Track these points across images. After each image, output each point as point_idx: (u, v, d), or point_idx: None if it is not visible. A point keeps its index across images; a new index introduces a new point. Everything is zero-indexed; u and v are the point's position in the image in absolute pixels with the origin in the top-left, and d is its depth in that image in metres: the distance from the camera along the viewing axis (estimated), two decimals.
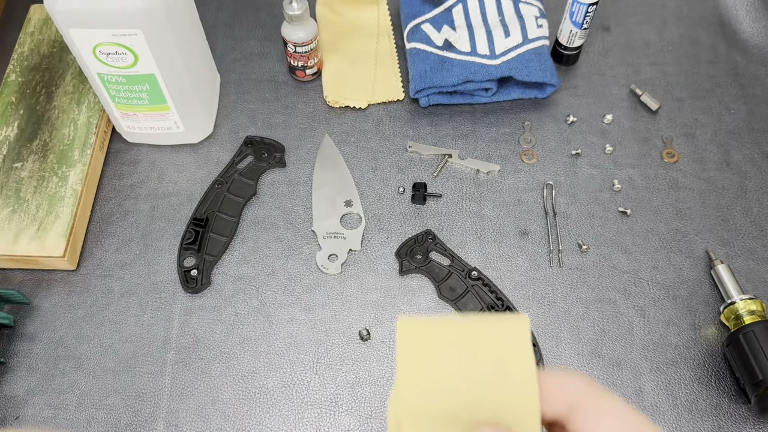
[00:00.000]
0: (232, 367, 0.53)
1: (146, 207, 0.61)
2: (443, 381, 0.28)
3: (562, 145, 0.64)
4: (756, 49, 0.70)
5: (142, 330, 0.55)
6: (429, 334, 0.29)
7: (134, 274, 0.57)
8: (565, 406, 0.28)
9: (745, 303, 0.52)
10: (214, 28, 0.72)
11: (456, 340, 0.29)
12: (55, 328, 0.55)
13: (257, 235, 0.59)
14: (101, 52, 0.53)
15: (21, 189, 0.58)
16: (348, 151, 0.64)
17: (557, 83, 0.64)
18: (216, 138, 0.65)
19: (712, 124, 0.65)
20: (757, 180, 0.62)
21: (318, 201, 0.61)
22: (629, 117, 0.66)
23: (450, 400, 0.28)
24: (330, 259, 0.57)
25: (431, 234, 0.58)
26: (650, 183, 0.62)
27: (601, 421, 0.27)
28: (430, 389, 0.28)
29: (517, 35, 0.65)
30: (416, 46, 0.66)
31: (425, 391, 0.28)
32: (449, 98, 0.65)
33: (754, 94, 0.67)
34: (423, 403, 0.28)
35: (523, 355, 0.28)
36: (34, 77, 0.65)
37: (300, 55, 0.64)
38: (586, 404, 0.27)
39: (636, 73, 0.69)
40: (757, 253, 0.58)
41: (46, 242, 0.55)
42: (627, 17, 0.73)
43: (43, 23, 0.69)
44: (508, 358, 0.28)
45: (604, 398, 0.27)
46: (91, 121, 0.62)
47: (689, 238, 0.59)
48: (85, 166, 0.59)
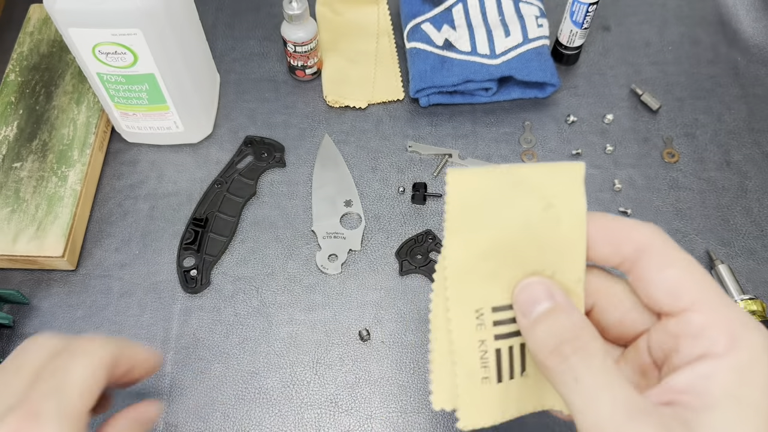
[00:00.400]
0: (232, 368, 0.53)
1: (146, 207, 0.61)
2: (490, 229, 0.27)
3: (562, 145, 0.64)
4: (756, 49, 0.70)
5: (141, 330, 0.54)
6: (478, 185, 0.28)
7: (133, 274, 0.57)
8: (633, 250, 0.27)
9: (746, 303, 0.52)
10: (213, 28, 0.72)
11: (505, 187, 0.28)
12: (54, 329, 0.55)
13: (257, 235, 0.59)
14: (101, 52, 0.53)
15: (20, 189, 0.58)
16: (348, 150, 0.64)
17: (557, 83, 0.64)
18: (215, 138, 0.65)
19: (712, 124, 0.65)
20: (758, 180, 0.62)
21: (318, 201, 0.60)
22: (630, 117, 0.66)
23: (497, 247, 0.27)
24: (330, 259, 0.57)
25: (431, 234, 0.58)
26: (651, 183, 0.62)
27: (665, 270, 0.27)
28: (476, 238, 0.27)
29: (518, 35, 0.65)
30: (416, 45, 0.66)
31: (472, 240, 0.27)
32: (449, 98, 0.65)
33: (755, 93, 0.67)
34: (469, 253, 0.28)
35: (574, 200, 0.27)
36: (33, 77, 0.65)
37: (300, 55, 0.64)
38: (654, 251, 0.27)
39: (636, 72, 0.69)
40: (757, 253, 0.58)
41: (46, 242, 0.55)
42: (627, 17, 0.73)
43: (43, 23, 0.69)
44: (558, 204, 0.27)
45: (673, 250, 0.27)
46: (91, 121, 0.62)
47: (690, 238, 0.59)
48: (85, 166, 0.59)
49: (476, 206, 0.27)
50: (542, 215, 0.27)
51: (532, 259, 0.28)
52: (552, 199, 0.27)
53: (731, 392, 0.25)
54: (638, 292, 0.28)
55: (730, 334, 0.25)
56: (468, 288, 0.28)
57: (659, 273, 0.27)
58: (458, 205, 0.27)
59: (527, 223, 0.27)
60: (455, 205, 0.28)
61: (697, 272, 0.27)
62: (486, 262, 0.28)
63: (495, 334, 0.28)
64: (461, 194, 0.28)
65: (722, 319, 0.26)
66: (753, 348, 0.25)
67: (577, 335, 0.26)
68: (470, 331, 0.28)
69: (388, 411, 0.51)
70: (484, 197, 0.27)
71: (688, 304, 0.26)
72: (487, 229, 0.27)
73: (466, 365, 0.28)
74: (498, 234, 0.27)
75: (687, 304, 0.26)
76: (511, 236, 0.27)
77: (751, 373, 0.25)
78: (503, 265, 0.28)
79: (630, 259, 0.28)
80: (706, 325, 0.26)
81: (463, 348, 0.28)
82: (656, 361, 0.29)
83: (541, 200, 0.27)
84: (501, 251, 0.27)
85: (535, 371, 0.29)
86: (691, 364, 0.26)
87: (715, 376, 0.25)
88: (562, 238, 0.28)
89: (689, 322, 0.26)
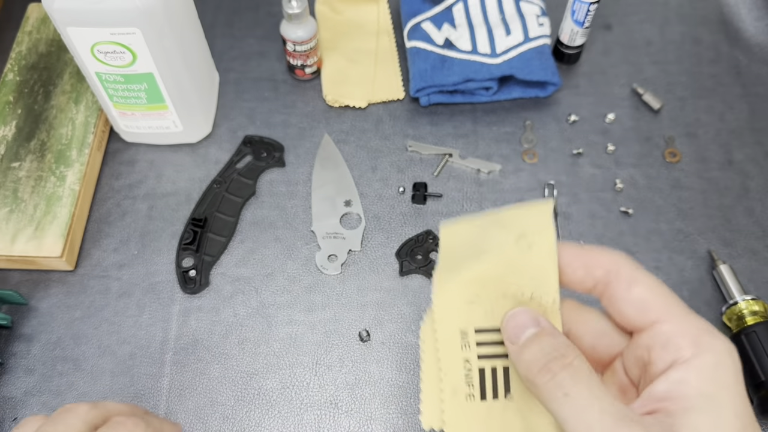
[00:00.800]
0: (231, 369, 0.53)
1: (144, 207, 0.60)
2: (471, 261, 0.30)
3: (563, 145, 0.64)
4: (758, 48, 0.70)
5: (140, 331, 0.54)
6: (464, 231, 0.31)
7: (132, 274, 0.57)
8: (604, 273, 0.30)
9: (748, 304, 0.52)
10: (212, 27, 0.71)
11: (485, 228, 0.31)
12: (52, 329, 0.54)
13: (256, 235, 0.59)
14: (99, 51, 0.53)
15: (18, 189, 0.58)
16: (348, 150, 0.63)
17: (558, 82, 0.64)
18: (215, 137, 0.64)
19: (714, 124, 0.65)
20: (760, 180, 0.61)
21: (317, 201, 0.60)
22: (631, 116, 0.65)
23: (477, 275, 0.30)
24: (329, 260, 0.57)
25: (432, 234, 0.58)
26: (652, 183, 0.61)
27: (633, 288, 0.29)
28: (460, 269, 0.31)
29: (519, 34, 0.65)
30: (416, 44, 0.65)
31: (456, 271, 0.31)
32: (450, 97, 0.65)
33: (757, 93, 0.67)
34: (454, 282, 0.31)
35: (544, 229, 0.30)
36: (32, 76, 0.65)
37: (299, 54, 0.64)
38: (622, 273, 0.30)
39: (638, 72, 0.68)
40: (759, 254, 0.57)
41: (44, 242, 0.55)
42: (628, 16, 0.73)
43: (41, 22, 0.68)
44: (529, 234, 0.30)
45: (639, 271, 0.30)
46: (89, 121, 0.61)
47: (691, 238, 0.58)
48: (83, 166, 0.59)
49: (462, 247, 0.31)
50: (515, 244, 0.31)
51: (511, 284, 0.31)
52: (524, 230, 0.31)
53: (704, 392, 0.27)
54: (611, 311, 0.31)
55: (694, 340, 0.28)
56: (453, 311, 0.31)
57: (628, 291, 0.30)
58: (448, 248, 0.31)
59: (503, 253, 0.31)
60: (445, 249, 0.31)
61: (662, 289, 0.30)
62: (468, 288, 0.31)
63: (479, 354, 0.31)
64: (451, 240, 0.31)
65: (687, 327, 0.28)
66: (717, 352, 0.27)
67: (564, 353, 0.28)
68: (455, 350, 0.31)
69: (388, 412, 0.51)
70: (468, 239, 0.31)
71: (656, 316, 0.29)
72: (469, 261, 0.31)
73: (452, 382, 0.31)
74: (478, 264, 0.31)
75: (655, 316, 0.29)
76: (490, 265, 0.31)
77: (719, 374, 0.27)
78: (484, 290, 0.31)
79: (602, 281, 0.30)
80: (673, 333, 0.28)
81: (449, 366, 0.31)
82: (633, 380, 0.31)
83: (514, 232, 0.31)
84: (481, 278, 0.30)
85: (519, 396, 0.31)
86: (665, 372, 0.28)
87: (687, 380, 0.27)
88: (536, 263, 0.31)
89: (658, 333, 0.29)
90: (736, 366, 0.27)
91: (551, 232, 0.31)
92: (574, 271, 0.31)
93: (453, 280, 0.31)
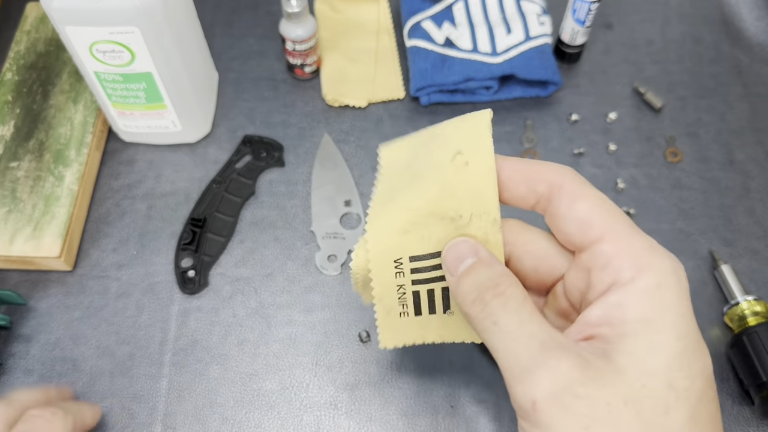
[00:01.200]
0: (230, 369, 0.52)
1: (143, 207, 0.60)
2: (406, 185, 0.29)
3: (564, 144, 0.63)
4: (759, 48, 0.70)
5: (138, 331, 0.54)
6: (402, 150, 0.30)
7: (131, 274, 0.57)
8: (547, 188, 0.28)
9: (749, 304, 0.52)
10: (212, 26, 0.71)
11: (421, 145, 0.30)
12: (51, 330, 0.54)
13: (256, 235, 0.59)
14: (98, 50, 0.52)
15: (17, 189, 0.57)
16: (348, 150, 0.63)
17: (559, 81, 0.63)
18: (214, 137, 0.64)
19: (715, 123, 0.65)
20: (761, 180, 0.61)
21: (317, 201, 0.60)
22: (632, 116, 0.65)
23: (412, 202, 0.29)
24: (329, 260, 0.57)
25: None
26: (653, 182, 0.61)
27: (575, 204, 0.28)
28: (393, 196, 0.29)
29: (519, 33, 0.64)
30: (417, 43, 0.65)
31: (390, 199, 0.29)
32: (450, 97, 0.64)
33: (758, 93, 0.67)
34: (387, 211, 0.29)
35: (481, 145, 0.29)
36: (30, 76, 0.64)
37: (299, 53, 0.64)
38: (566, 188, 0.28)
39: (639, 71, 0.68)
40: (761, 254, 0.57)
41: (43, 243, 0.54)
42: (629, 15, 0.72)
43: (40, 21, 0.68)
44: (466, 150, 0.29)
45: (584, 186, 0.28)
46: (88, 120, 0.61)
47: (693, 238, 0.58)
48: (82, 166, 0.59)
49: (399, 169, 0.30)
50: (451, 162, 0.29)
51: (449, 207, 0.29)
52: (460, 147, 0.29)
53: (643, 316, 0.25)
54: (553, 229, 0.29)
55: (636, 260, 0.26)
56: (386, 242, 0.30)
57: (570, 207, 0.28)
58: (386, 172, 0.30)
59: (439, 173, 0.29)
60: (384, 174, 0.30)
61: (607, 205, 0.28)
62: (403, 217, 0.29)
63: (413, 280, 0.30)
64: (389, 163, 0.30)
65: (629, 246, 0.26)
66: (661, 272, 0.26)
67: (497, 283, 0.27)
68: (389, 279, 0.30)
69: (388, 413, 0.50)
70: (406, 159, 0.30)
71: (598, 235, 0.27)
72: (405, 186, 0.29)
73: (386, 306, 0.31)
74: (413, 190, 0.29)
75: (597, 235, 0.27)
76: (425, 189, 0.29)
77: (661, 295, 0.25)
78: (419, 217, 0.29)
79: (545, 197, 0.29)
80: (614, 253, 0.26)
81: (383, 293, 0.31)
82: (573, 304, 0.30)
83: (450, 150, 0.29)
84: (417, 205, 0.29)
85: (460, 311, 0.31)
86: (603, 295, 0.26)
87: (625, 304, 0.26)
88: (474, 181, 0.29)
89: (598, 253, 0.27)
90: (680, 285, 0.26)
91: (488, 146, 0.29)
92: (516, 186, 0.29)
93: (387, 210, 0.29)
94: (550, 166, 0.29)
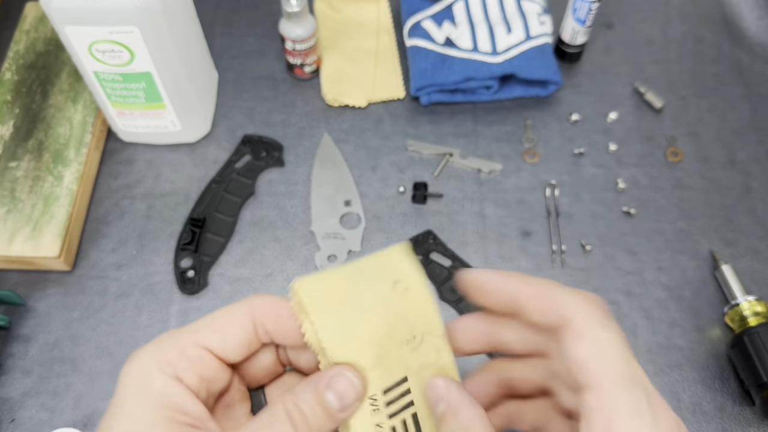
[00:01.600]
0: None
1: (142, 207, 0.60)
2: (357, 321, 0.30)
3: (564, 144, 0.63)
4: (760, 48, 0.69)
5: (138, 332, 0.54)
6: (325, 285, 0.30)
7: (130, 275, 0.56)
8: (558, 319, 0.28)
9: (750, 304, 0.52)
10: (211, 26, 0.71)
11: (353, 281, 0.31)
12: (50, 330, 0.54)
13: (255, 235, 0.58)
14: (97, 50, 0.52)
15: (16, 189, 0.57)
16: (347, 150, 0.63)
17: (560, 81, 0.63)
18: (213, 137, 0.64)
19: (716, 123, 0.64)
20: (762, 179, 0.61)
21: (317, 201, 0.60)
22: (633, 115, 0.65)
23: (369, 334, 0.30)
24: (329, 260, 0.57)
25: (432, 234, 0.58)
26: (654, 182, 0.61)
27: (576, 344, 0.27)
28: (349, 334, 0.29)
29: (520, 32, 0.64)
30: (417, 43, 0.65)
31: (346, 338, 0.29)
32: (450, 96, 0.64)
33: (759, 92, 0.66)
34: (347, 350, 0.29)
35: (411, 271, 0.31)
36: (29, 75, 0.64)
37: (299, 53, 0.64)
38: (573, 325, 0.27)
39: (639, 71, 0.68)
40: (762, 254, 0.57)
41: (42, 243, 0.54)
42: (630, 14, 0.72)
43: (39, 21, 0.68)
44: (401, 278, 0.31)
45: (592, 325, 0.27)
46: (87, 120, 0.61)
47: (693, 238, 0.58)
48: (81, 166, 0.59)
49: (333, 306, 0.30)
50: (393, 290, 0.31)
51: (404, 331, 0.31)
52: (396, 276, 0.31)
53: None
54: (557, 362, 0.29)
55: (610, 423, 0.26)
56: None
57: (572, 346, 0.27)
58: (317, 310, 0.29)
59: (386, 303, 0.30)
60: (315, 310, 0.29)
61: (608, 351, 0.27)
62: (366, 351, 0.30)
63: (388, 414, 0.30)
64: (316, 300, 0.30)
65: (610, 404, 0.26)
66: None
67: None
68: (367, 418, 0.30)
69: None
70: (338, 296, 0.30)
71: (588, 383, 0.27)
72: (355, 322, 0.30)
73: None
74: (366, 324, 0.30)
75: (587, 382, 0.27)
76: (377, 320, 0.30)
77: None
78: (382, 348, 0.30)
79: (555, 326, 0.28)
80: (594, 408, 0.26)
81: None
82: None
83: (387, 280, 0.31)
84: (376, 337, 0.30)
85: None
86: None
87: None
88: (417, 304, 0.31)
89: (583, 402, 0.27)
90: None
91: (419, 270, 0.31)
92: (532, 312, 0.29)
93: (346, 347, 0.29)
94: (568, 295, 0.29)
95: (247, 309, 0.30)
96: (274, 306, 0.31)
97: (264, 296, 0.31)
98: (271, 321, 0.30)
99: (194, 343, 0.29)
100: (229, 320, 0.30)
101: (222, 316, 0.30)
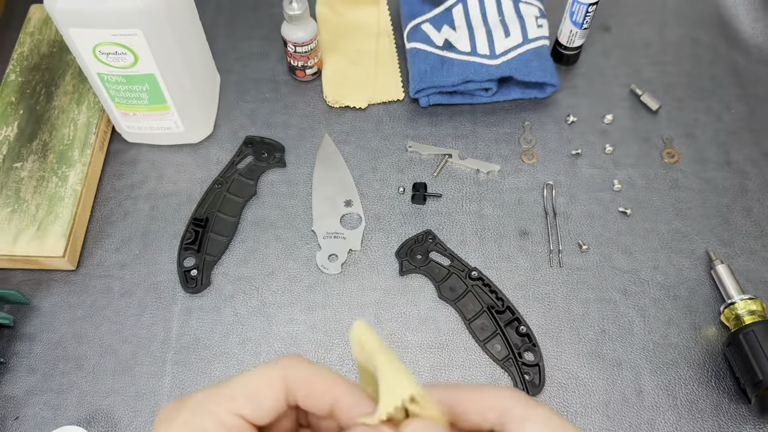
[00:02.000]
0: (232, 368, 0.53)
1: (146, 207, 0.61)
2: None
3: (562, 145, 0.64)
4: (756, 50, 0.70)
5: (141, 330, 0.54)
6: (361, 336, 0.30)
7: (134, 274, 0.57)
8: (497, 416, 0.29)
9: (745, 303, 0.52)
10: (213, 28, 0.72)
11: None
12: (54, 329, 0.55)
13: (257, 235, 0.59)
14: (101, 52, 0.53)
15: (21, 189, 0.58)
16: (348, 151, 0.64)
17: (557, 83, 0.64)
18: (216, 138, 0.65)
19: (712, 124, 0.65)
20: (758, 180, 0.62)
21: (318, 201, 0.60)
22: (629, 117, 0.66)
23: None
24: (330, 259, 0.57)
25: (431, 234, 0.58)
26: (650, 183, 0.62)
27: (525, 427, 0.29)
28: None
29: (517, 35, 0.65)
30: (416, 46, 0.66)
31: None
32: (449, 98, 0.65)
33: (755, 94, 0.67)
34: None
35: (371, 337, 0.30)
36: (34, 77, 0.65)
37: (300, 55, 0.64)
38: (514, 413, 0.29)
39: (636, 73, 0.69)
40: (757, 253, 0.58)
41: (46, 242, 0.55)
42: (627, 17, 0.73)
43: (43, 23, 0.69)
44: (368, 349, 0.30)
45: (529, 407, 0.29)
46: (91, 121, 0.62)
47: (689, 238, 0.59)
48: (85, 166, 0.59)
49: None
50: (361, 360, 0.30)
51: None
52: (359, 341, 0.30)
53: None
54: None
55: None
56: None
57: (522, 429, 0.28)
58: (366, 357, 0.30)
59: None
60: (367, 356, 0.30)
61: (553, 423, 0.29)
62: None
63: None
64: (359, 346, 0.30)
65: None
66: None
67: None
68: None
69: None
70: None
71: None
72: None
73: None
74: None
75: None
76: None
77: None
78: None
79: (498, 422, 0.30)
80: None
81: None
82: None
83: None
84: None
85: None
86: None
87: None
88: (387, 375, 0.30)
89: None
90: None
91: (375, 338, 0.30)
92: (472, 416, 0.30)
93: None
94: (494, 392, 0.30)
95: (280, 375, 0.30)
96: (308, 378, 0.31)
97: (299, 364, 0.31)
98: (303, 392, 0.31)
99: (231, 412, 0.29)
100: (264, 387, 0.30)
101: (256, 381, 0.30)
